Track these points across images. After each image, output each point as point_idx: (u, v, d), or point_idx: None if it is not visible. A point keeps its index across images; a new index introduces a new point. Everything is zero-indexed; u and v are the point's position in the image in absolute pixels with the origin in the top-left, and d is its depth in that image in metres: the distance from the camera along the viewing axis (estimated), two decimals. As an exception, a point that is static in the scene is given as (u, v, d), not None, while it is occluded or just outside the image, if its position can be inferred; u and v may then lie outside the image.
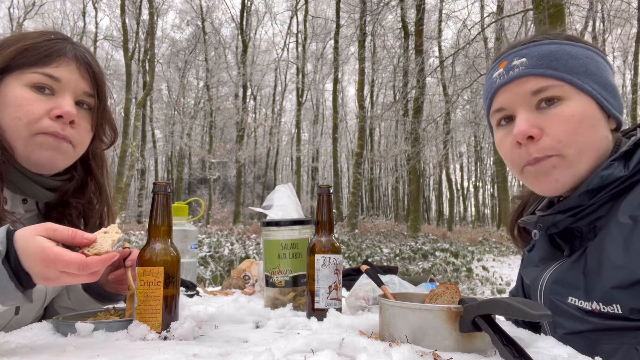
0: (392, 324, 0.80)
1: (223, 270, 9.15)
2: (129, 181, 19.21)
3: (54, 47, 1.06)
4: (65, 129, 1.06)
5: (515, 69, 0.97)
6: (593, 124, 0.93)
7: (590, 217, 0.94)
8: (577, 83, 0.93)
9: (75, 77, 1.08)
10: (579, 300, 0.91)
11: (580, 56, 0.95)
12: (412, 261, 11.79)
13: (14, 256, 0.77)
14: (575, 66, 0.94)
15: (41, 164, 1.07)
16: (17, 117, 1.01)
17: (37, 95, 1.03)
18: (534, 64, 0.95)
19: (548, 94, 0.93)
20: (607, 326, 0.87)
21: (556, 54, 0.94)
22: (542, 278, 1.02)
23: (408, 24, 16.71)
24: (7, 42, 1.06)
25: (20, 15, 23.36)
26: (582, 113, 0.92)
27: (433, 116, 16.81)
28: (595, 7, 12.41)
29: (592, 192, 0.91)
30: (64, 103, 1.05)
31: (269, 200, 1.35)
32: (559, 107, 0.93)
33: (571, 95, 0.93)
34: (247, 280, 1.70)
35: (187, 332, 0.84)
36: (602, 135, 0.94)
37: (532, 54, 0.96)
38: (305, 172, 33.37)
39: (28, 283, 0.79)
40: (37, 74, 1.03)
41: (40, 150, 1.04)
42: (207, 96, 23.54)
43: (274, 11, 29.35)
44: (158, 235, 0.89)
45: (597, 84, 0.94)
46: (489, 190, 32.30)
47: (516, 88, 0.97)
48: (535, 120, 0.94)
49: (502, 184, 16.06)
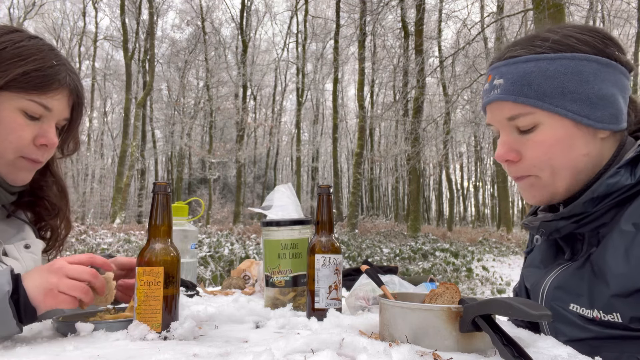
0: (392, 324, 0.80)
1: (223, 270, 9.15)
2: (129, 181, 19.23)
3: (54, 76, 1.07)
4: (44, 155, 1.11)
5: (494, 89, 0.99)
6: (567, 146, 0.93)
7: (593, 224, 0.93)
8: (548, 108, 0.92)
9: (62, 107, 1.11)
10: (580, 308, 0.91)
11: (557, 74, 0.92)
12: (412, 261, 11.79)
13: (23, 293, 0.84)
14: (549, 89, 0.92)
15: (16, 182, 1.11)
16: (8, 140, 1.03)
17: (28, 121, 1.05)
18: (508, 89, 0.95)
19: (521, 123, 0.96)
20: (607, 335, 0.87)
21: (529, 77, 0.93)
22: (544, 283, 1.02)
23: (408, 24, 16.70)
24: (11, 59, 1.03)
25: (20, 15, 23.34)
26: (554, 138, 0.93)
27: (433, 116, 16.80)
28: (595, 7, 12.41)
29: (597, 199, 0.91)
30: (50, 133, 1.09)
31: (268, 201, 1.35)
32: (533, 132, 0.96)
33: (544, 120, 0.94)
34: (247, 280, 1.70)
35: (187, 332, 0.84)
36: (580, 154, 0.94)
37: (508, 76, 0.96)
38: (305, 172, 33.36)
39: (31, 318, 0.86)
40: (33, 102, 1.04)
41: (19, 172, 1.09)
42: (207, 96, 23.53)
43: (274, 11, 29.45)
44: (158, 235, 0.89)
45: (575, 103, 0.91)
46: (489, 190, 32.33)
47: (496, 110, 1.00)
48: (514, 144, 0.98)
49: (502, 184, 16.07)
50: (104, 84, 29.48)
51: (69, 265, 0.89)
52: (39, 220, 1.25)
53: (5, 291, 0.81)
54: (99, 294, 0.94)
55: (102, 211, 26.22)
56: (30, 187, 1.19)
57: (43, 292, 0.85)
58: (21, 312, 0.83)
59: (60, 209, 1.25)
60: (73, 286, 0.87)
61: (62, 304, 0.87)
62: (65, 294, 0.86)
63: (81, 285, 0.88)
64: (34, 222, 1.24)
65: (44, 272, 0.87)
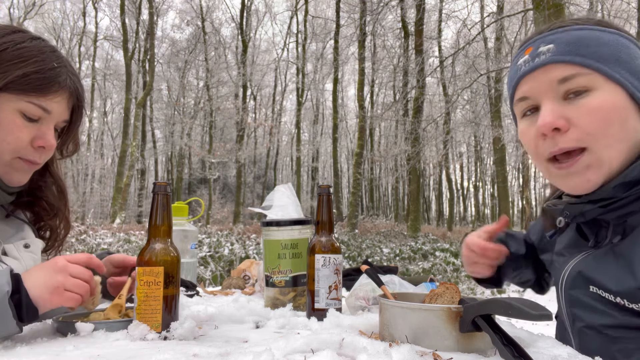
0: (392, 324, 0.80)
1: (223, 270, 9.15)
2: (129, 181, 19.21)
3: (55, 78, 1.06)
4: (41, 157, 1.11)
5: (541, 55, 0.91)
6: (623, 116, 0.87)
7: (620, 211, 0.89)
8: (606, 71, 0.87)
9: (62, 109, 1.11)
10: (602, 291, 0.88)
11: (611, 43, 0.89)
12: (412, 261, 11.79)
13: (25, 293, 0.84)
14: (605, 53, 0.88)
15: (12, 182, 1.11)
16: (6, 141, 1.03)
17: (26, 122, 1.05)
18: (562, 51, 0.89)
19: (575, 84, 0.88)
20: (628, 323, 0.84)
21: (586, 40, 0.88)
22: (565, 271, 0.99)
23: (408, 24, 16.70)
24: (12, 60, 1.03)
25: (20, 15, 23.34)
26: (612, 104, 0.87)
27: (433, 116, 16.80)
28: (595, 7, 12.42)
29: (629, 184, 0.87)
30: (48, 135, 1.08)
31: (268, 201, 1.35)
32: (587, 97, 0.88)
33: (600, 85, 0.87)
34: (247, 280, 1.70)
35: (187, 332, 0.84)
36: (632, 127, 0.88)
37: (560, 40, 0.90)
38: (305, 172, 33.35)
39: (32, 317, 0.86)
40: (32, 104, 1.04)
41: (15, 172, 1.09)
42: (207, 96, 23.52)
43: (274, 11, 29.40)
44: (158, 235, 0.89)
45: (628, 73, 0.88)
46: (489, 190, 32.30)
47: (542, 76, 0.92)
48: (562, 111, 0.89)
49: (502, 184, 16.05)
50: (104, 84, 29.47)
51: (71, 264, 0.90)
52: (38, 220, 1.25)
53: (4, 291, 0.81)
54: (90, 295, 0.95)
55: (102, 211, 26.22)
56: (29, 187, 1.19)
57: (49, 290, 0.86)
58: (22, 312, 0.83)
59: (59, 210, 1.25)
60: (78, 285, 0.89)
61: (69, 301, 0.88)
62: (71, 292, 0.88)
63: (84, 284, 0.90)
64: (33, 222, 1.24)
65: (48, 271, 0.88)
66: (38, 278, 0.87)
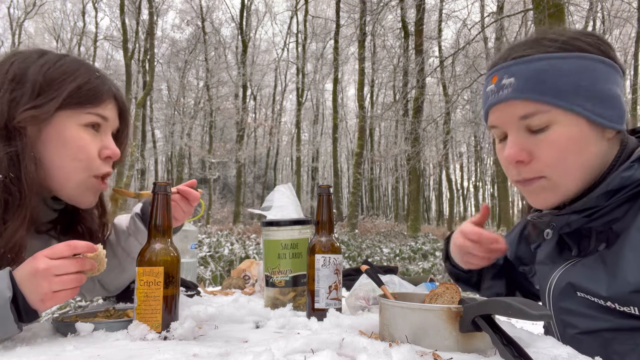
0: (392, 324, 0.80)
1: (223, 270, 9.14)
2: (129, 181, 19.20)
3: (102, 87, 1.08)
4: (109, 167, 1.11)
5: (504, 89, 0.96)
6: (581, 145, 0.92)
7: (604, 219, 0.93)
8: (564, 106, 0.90)
9: (114, 116, 1.13)
10: (592, 297, 0.90)
11: (571, 72, 0.92)
12: (412, 261, 11.79)
13: (22, 298, 0.83)
14: (564, 86, 0.91)
15: (84, 204, 1.11)
16: (78, 158, 1.03)
17: (91, 135, 1.06)
18: (521, 87, 0.93)
19: (536, 121, 0.93)
20: (621, 325, 0.86)
21: (544, 75, 0.92)
22: (551, 280, 1.01)
23: (408, 24, 16.70)
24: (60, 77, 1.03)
25: (20, 15, 23.34)
26: (568, 137, 0.91)
27: (433, 116, 16.80)
28: (595, 7, 12.41)
29: (611, 193, 0.90)
30: (111, 144, 1.10)
31: (268, 201, 1.35)
32: (547, 131, 0.93)
33: (559, 119, 0.92)
34: (247, 280, 1.70)
35: (187, 332, 0.84)
36: (592, 153, 0.93)
37: (521, 74, 0.94)
38: (305, 172, 33.35)
39: (32, 318, 0.85)
40: (91, 114, 1.05)
41: (88, 193, 1.09)
42: (207, 96, 23.51)
43: (274, 11, 29.38)
44: (158, 235, 0.89)
45: (588, 100, 0.91)
46: (489, 190, 32.29)
47: (506, 109, 0.97)
48: (525, 144, 0.95)
49: (502, 184, 16.06)
50: (104, 84, 29.40)
51: (53, 264, 0.84)
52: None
53: (6, 297, 0.80)
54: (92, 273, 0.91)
55: (102, 211, 26.15)
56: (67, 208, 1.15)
57: (39, 298, 0.83)
58: (22, 315, 0.83)
59: (96, 239, 1.20)
60: (65, 282, 0.85)
61: (63, 299, 0.86)
62: (61, 291, 0.85)
63: (72, 277, 0.86)
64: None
65: (31, 280, 0.83)
66: (27, 287, 0.83)
